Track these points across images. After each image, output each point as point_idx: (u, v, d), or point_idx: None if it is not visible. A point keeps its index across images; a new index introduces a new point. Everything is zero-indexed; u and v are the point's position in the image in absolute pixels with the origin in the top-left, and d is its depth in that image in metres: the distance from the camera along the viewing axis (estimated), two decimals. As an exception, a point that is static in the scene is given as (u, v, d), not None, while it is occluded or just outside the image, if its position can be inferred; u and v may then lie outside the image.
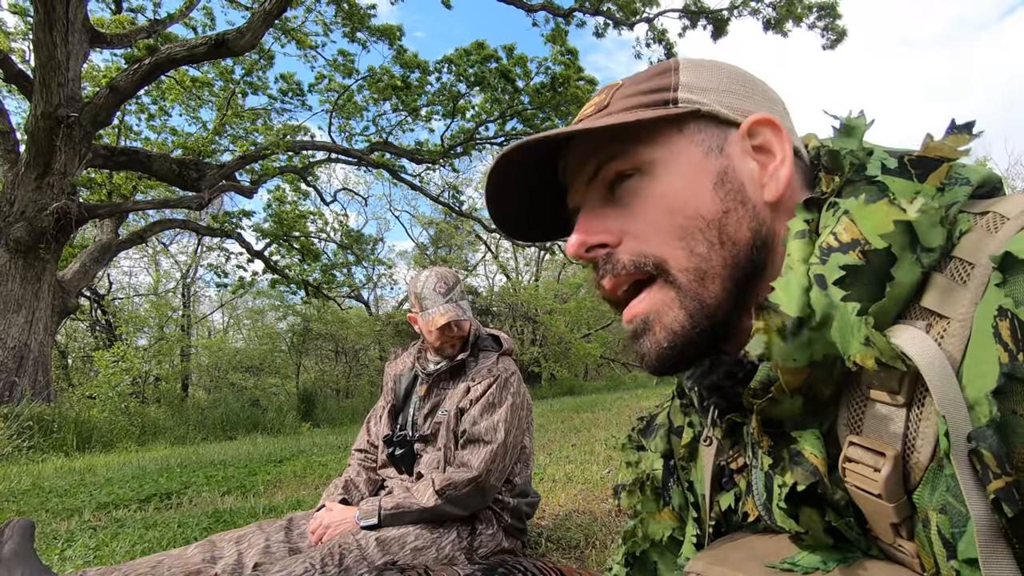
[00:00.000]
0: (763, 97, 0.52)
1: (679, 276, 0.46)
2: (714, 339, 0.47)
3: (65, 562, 1.93)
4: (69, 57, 6.71)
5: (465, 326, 1.66)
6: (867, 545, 0.41)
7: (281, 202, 11.43)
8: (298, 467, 3.90)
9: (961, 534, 0.34)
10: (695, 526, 0.60)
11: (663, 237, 0.47)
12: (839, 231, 0.39)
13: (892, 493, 0.37)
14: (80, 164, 7.14)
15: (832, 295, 0.38)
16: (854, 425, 0.40)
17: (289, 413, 8.73)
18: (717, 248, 0.46)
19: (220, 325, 20.76)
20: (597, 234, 0.49)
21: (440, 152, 12.00)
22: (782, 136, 0.48)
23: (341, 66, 10.99)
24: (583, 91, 10.70)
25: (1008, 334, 0.32)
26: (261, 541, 1.41)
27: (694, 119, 0.48)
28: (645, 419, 0.72)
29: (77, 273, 8.35)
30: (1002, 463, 0.31)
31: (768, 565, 0.43)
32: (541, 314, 16.26)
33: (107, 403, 8.28)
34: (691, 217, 0.46)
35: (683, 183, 0.47)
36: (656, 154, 0.48)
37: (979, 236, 0.37)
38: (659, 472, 0.67)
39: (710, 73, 0.51)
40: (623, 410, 6.49)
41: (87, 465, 4.48)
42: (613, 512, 2.22)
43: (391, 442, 1.69)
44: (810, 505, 0.43)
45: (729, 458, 0.54)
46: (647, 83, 0.50)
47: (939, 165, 0.41)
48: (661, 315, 0.47)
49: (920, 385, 0.36)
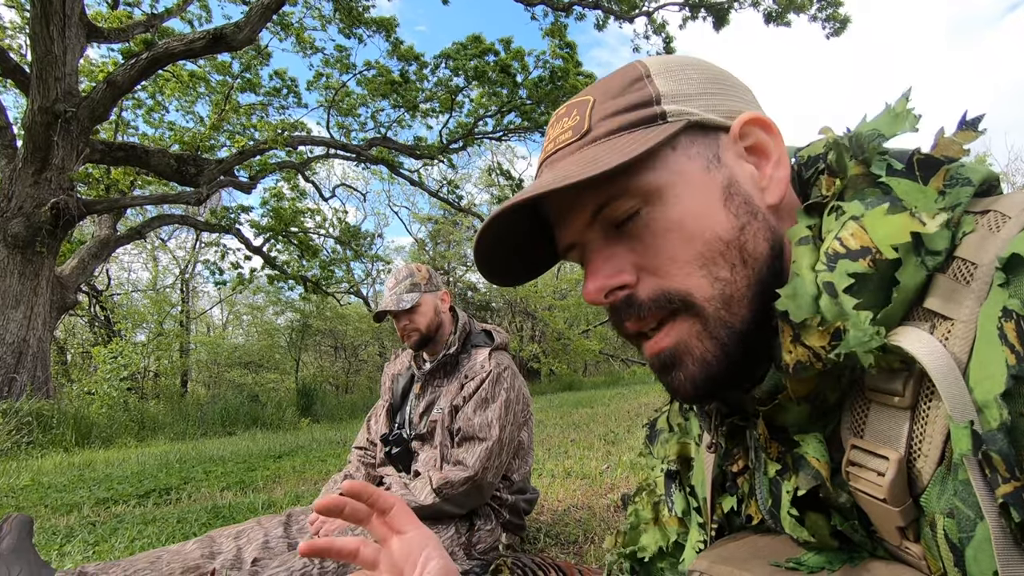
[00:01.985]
0: (737, 90, 0.49)
1: (705, 307, 0.43)
2: (749, 360, 0.44)
3: (64, 558, 1.93)
4: (66, 51, 6.67)
5: (418, 320, 1.63)
6: (873, 547, 0.41)
7: (279, 198, 11.39)
8: (297, 463, 3.91)
9: (969, 539, 0.33)
10: (699, 530, 0.59)
11: (684, 269, 0.43)
12: (845, 237, 0.39)
13: (897, 497, 0.37)
14: (78, 159, 7.11)
15: (844, 303, 0.37)
16: (856, 428, 0.40)
17: (288, 409, 8.74)
18: (740, 269, 0.43)
19: (219, 321, 20.77)
20: (614, 276, 0.45)
21: (439, 147, 11.96)
22: (773, 133, 0.46)
23: (337, 62, 10.94)
24: (582, 84, 10.67)
25: (1015, 336, 0.32)
26: (260, 536, 1.41)
27: (684, 132, 0.45)
28: (648, 426, 0.71)
29: (75, 269, 8.34)
30: (1011, 467, 0.31)
31: (773, 564, 0.43)
32: (540, 310, 16.27)
33: (105, 399, 8.28)
34: (710, 241, 0.43)
35: (693, 206, 0.43)
36: (659, 179, 0.43)
37: (981, 236, 0.36)
38: (660, 480, 0.67)
39: (684, 75, 0.47)
40: (622, 406, 6.50)
41: (86, 461, 4.49)
42: (612, 508, 2.22)
43: (388, 441, 1.69)
44: (815, 509, 0.42)
45: (730, 461, 0.53)
46: (623, 97, 0.46)
47: (942, 164, 0.40)
48: (691, 348, 0.44)
49: (925, 387, 0.36)
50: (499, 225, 0.47)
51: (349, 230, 13.20)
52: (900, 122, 0.42)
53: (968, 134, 0.41)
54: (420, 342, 1.66)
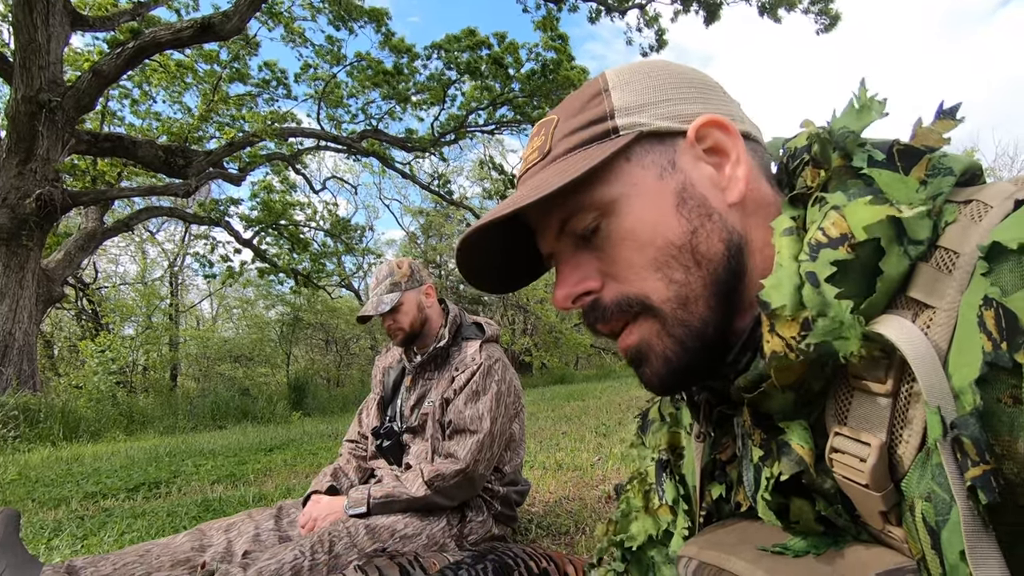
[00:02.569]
0: (701, 91, 0.50)
1: (662, 308, 0.46)
2: (713, 353, 0.47)
3: (52, 552, 1.92)
4: (50, 40, 6.55)
5: (401, 319, 1.63)
6: (857, 531, 0.42)
7: (269, 191, 11.29)
8: (288, 456, 3.90)
9: (945, 522, 0.34)
10: (686, 518, 0.60)
11: (640, 274, 0.46)
12: (827, 226, 0.39)
13: (878, 482, 0.37)
14: (63, 150, 7.00)
15: (825, 293, 0.37)
16: (840, 416, 0.40)
17: (279, 402, 8.71)
18: (694, 270, 0.45)
19: (209, 314, 20.61)
20: (580, 284, 0.50)
21: (430, 140, 11.90)
22: (731, 133, 0.47)
23: (328, 53, 10.83)
24: (574, 77, 10.63)
25: (993, 323, 0.32)
26: (251, 529, 1.41)
27: (638, 143, 0.47)
28: (640, 416, 0.72)
29: (62, 261, 8.23)
30: (981, 451, 0.31)
31: (760, 548, 0.44)
32: (532, 304, 16.29)
33: (93, 393, 8.20)
34: (662, 247, 0.45)
35: (645, 214, 0.46)
36: (613, 192, 0.47)
37: (963, 225, 0.37)
38: (651, 469, 0.68)
39: (641, 84, 0.49)
40: (613, 398, 6.54)
41: (74, 455, 4.45)
42: (603, 499, 2.23)
43: (379, 434, 1.69)
44: (800, 495, 0.43)
45: (719, 450, 0.54)
46: (582, 115, 0.49)
47: (922, 156, 0.40)
48: (652, 346, 0.48)
49: (906, 375, 0.37)
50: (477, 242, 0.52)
51: (340, 223, 13.13)
52: (867, 113, 0.44)
53: (946, 123, 0.41)
54: (406, 340, 1.66)
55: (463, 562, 1.29)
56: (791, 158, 0.49)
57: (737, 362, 0.46)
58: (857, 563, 0.39)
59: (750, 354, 0.45)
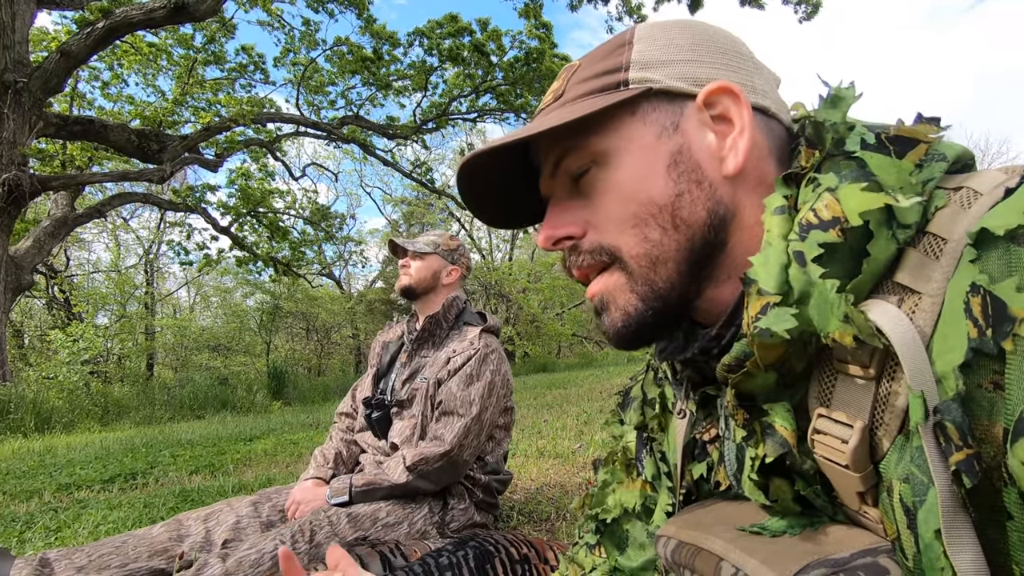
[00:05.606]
0: (727, 57, 0.49)
1: (631, 262, 0.47)
2: (671, 316, 0.48)
3: (24, 544, 1.88)
4: (15, 18, 6.31)
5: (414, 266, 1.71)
6: (834, 512, 0.43)
7: (247, 177, 11.04)
8: (268, 445, 3.87)
9: (922, 503, 0.35)
10: (668, 495, 0.61)
11: (619, 226, 0.47)
12: (819, 208, 0.39)
13: (858, 463, 0.38)
14: (31, 133, 6.76)
15: (811, 272, 0.38)
16: (824, 398, 0.41)
17: (259, 392, 8.62)
18: (671, 232, 0.46)
19: (186, 302, 20.23)
20: (562, 227, 0.51)
21: (412, 127, 11.75)
22: (740, 103, 0.46)
23: (305, 37, 10.57)
24: (557, 66, 10.55)
25: (979, 310, 0.32)
26: (230, 518, 1.40)
27: (647, 99, 0.47)
28: (622, 393, 0.73)
29: (31, 248, 7.98)
30: (964, 436, 0.32)
31: (739, 528, 0.45)
32: (515, 293, 16.30)
33: (65, 383, 8.02)
34: (643, 204, 0.46)
35: (635, 170, 0.47)
36: (610, 143, 0.47)
37: (953, 212, 0.37)
38: (632, 444, 0.68)
39: (665, 41, 0.48)
40: (595, 387, 6.59)
41: (47, 446, 4.35)
42: (585, 485, 2.26)
43: (369, 404, 1.71)
44: (780, 475, 0.44)
45: (702, 429, 0.54)
46: (601, 63, 0.49)
47: (917, 143, 0.41)
48: (615, 297, 0.49)
49: (890, 359, 0.37)
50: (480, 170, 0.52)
51: (320, 210, 12.93)
52: (841, 104, 0.44)
53: (928, 127, 0.41)
54: (405, 290, 1.72)
55: (444, 549, 1.30)
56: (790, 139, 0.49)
57: (721, 336, 0.46)
58: (834, 542, 0.39)
59: (734, 329, 0.45)
